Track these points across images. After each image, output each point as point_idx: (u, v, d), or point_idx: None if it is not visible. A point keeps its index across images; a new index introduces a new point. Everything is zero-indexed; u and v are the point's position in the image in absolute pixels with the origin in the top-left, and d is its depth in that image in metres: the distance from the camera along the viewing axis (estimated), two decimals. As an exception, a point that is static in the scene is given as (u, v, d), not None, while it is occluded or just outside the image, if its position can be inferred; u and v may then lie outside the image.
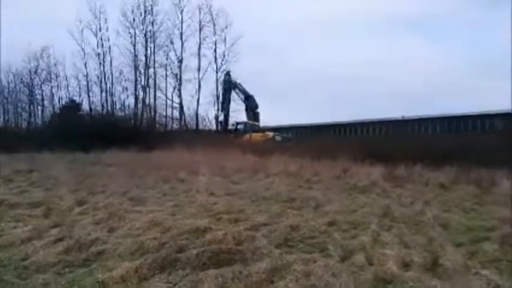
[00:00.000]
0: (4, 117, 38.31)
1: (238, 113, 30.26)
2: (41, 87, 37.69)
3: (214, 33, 32.91)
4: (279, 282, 3.19)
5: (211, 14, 32.68)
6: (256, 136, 24.90)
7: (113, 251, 4.07)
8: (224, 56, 32.76)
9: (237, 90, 29.67)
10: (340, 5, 52.19)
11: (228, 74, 30.43)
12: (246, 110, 29.23)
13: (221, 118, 30.77)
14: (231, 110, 30.88)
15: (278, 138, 25.07)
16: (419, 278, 3.28)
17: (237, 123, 28.49)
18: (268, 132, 25.78)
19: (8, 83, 38.30)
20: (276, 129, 27.56)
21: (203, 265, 3.59)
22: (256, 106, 28.97)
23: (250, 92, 29.31)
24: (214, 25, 32.85)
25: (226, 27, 32.66)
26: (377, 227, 5.06)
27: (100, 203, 6.78)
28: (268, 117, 34.96)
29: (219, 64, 32.76)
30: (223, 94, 30.67)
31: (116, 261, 3.74)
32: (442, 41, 50.83)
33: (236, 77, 30.77)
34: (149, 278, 3.33)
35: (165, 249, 3.98)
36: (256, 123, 28.34)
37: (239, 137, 25.15)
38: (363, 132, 26.18)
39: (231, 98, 30.39)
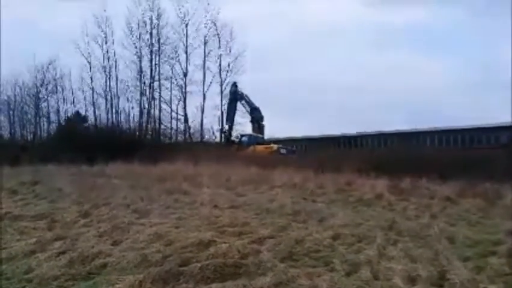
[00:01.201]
0: (10, 130, 38.56)
1: (242, 126, 30.32)
2: (47, 99, 38.03)
3: (219, 47, 33.20)
4: (284, 297, 3.16)
5: (216, 28, 33.00)
6: (261, 148, 24.88)
7: (116, 264, 4.05)
8: (229, 68, 33.00)
9: (243, 101, 29.72)
10: (342, 15, 52.52)
11: (235, 85, 30.51)
12: (252, 122, 29.27)
13: (225, 128, 30.76)
14: (235, 122, 30.96)
15: (283, 150, 25.04)
16: (426, 293, 3.24)
17: (242, 136, 28.51)
18: (273, 145, 25.77)
19: (15, 96, 38.67)
20: (280, 142, 27.56)
21: (207, 279, 3.56)
22: (262, 118, 29.01)
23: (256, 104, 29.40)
24: (219, 38, 33.15)
25: (230, 41, 32.94)
26: (383, 241, 5.00)
27: (104, 216, 6.78)
28: (271, 130, 34.97)
29: (223, 77, 32.99)
30: (228, 104, 30.72)
31: (120, 274, 3.72)
32: (446, 51, 50.88)
33: (241, 89, 30.93)
34: (152, 292, 3.30)
35: (168, 262, 3.96)
36: (261, 136, 28.37)
37: (243, 149, 25.14)
38: (368, 145, 26.11)
39: (237, 110, 30.48)
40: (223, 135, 30.69)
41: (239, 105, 30.16)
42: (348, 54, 50.91)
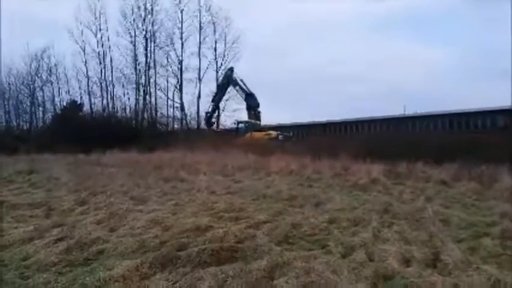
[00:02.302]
0: (5, 119, 38.36)
1: (238, 113, 30.26)
2: (42, 88, 37.79)
3: (214, 33, 32.97)
4: (280, 279, 3.20)
5: (211, 14, 32.71)
6: (259, 135, 24.84)
7: (114, 250, 4.08)
8: (224, 55, 32.80)
9: (237, 87, 29.50)
10: (340, 4, 52.04)
11: (231, 69, 30.24)
12: (247, 108, 29.15)
13: (208, 109, 30.60)
14: (231, 109, 30.91)
15: (281, 137, 25.03)
16: (420, 274, 3.29)
17: (238, 122, 28.44)
18: (271, 132, 25.73)
19: (9, 85, 38.44)
20: (276, 128, 27.53)
21: (204, 263, 3.60)
22: (258, 105, 28.85)
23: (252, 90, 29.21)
24: (214, 25, 32.90)
25: (226, 27, 32.70)
26: (378, 224, 5.06)
27: (101, 203, 6.79)
28: (268, 116, 34.97)
29: (219, 64, 32.81)
30: (218, 86, 30.47)
31: (117, 260, 3.74)
32: (442, 38, 50.70)
33: (236, 74, 30.77)
34: (150, 276, 3.34)
35: (166, 247, 3.99)
36: (258, 122, 28.29)
37: (240, 136, 25.12)
38: (364, 130, 26.15)
39: (231, 96, 30.37)
40: (205, 115, 30.43)
41: (233, 91, 29.97)
42: (347, 43, 50.56)
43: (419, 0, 48.98)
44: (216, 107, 30.46)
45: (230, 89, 29.93)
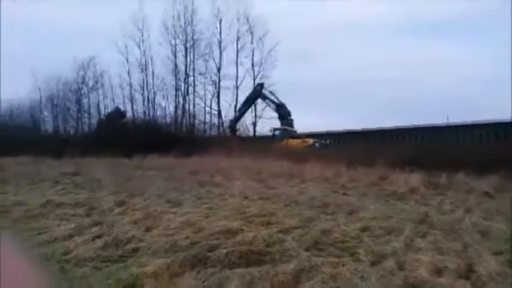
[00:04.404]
0: (54, 124, 40.54)
1: (275, 120, 30.37)
2: (88, 95, 39.67)
3: (252, 42, 33.34)
4: (306, 283, 3.21)
5: (249, 23, 33.13)
6: (296, 142, 24.71)
7: (147, 248, 4.25)
8: (261, 63, 33.10)
9: (266, 100, 29.84)
10: (379, 6, 51.08)
11: (261, 85, 30.66)
12: (279, 118, 29.29)
13: (231, 117, 31.10)
14: (265, 117, 31.20)
15: (317, 144, 24.79)
16: (451, 284, 3.19)
17: (275, 129, 28.47)
18: (308, 139, 25.55)
19: (58, 92, 40.56)
20: (312, 136, 27.31)
21: (232, 264, 3.67)
22: (289, 113, 28.87)
23: (286, 98, 29.29)
24: (251, 33, 33.28)
25: (263, 36, 32.98)
26: (411, 233, 4.93)
27: (138, 205, 7.06)
28: (303, 123, 34.78)
29: (256, 72, 33.14)
30: (246, 98, 30.87)
31: (150, 258, 3.90)
32: (488, 43, 48.42)
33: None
34: (180, 275, 3.45)
35: (196, 248, 4.10)
36: (294, 129, 28.23)
37: (276, 143, 25.12)
38: (404, 139, 25.41)
39: (263, 108, 30.88)
40: (228, 122, 31.12)
41: (264, 104, 30.38)
42: (382, 47, 49.43)
43: (464, 4, 47.11)
44: (240, 117, 30.94)
45: (260, 101, 30.37)
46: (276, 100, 29.09)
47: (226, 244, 4.23)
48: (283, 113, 28.74)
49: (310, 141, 25.02)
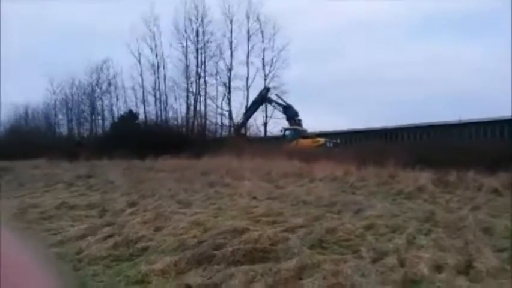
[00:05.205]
0: (68, 127, 41.25)
1: (284, 121, 30.46)
2: (101, 98, 40.23)
3: (262, 41, 33.42)
4: (307, 280, 3.32)
5: (260, 22, 33.22)
6: (307, 142, 24.72)
7: (157, 247, 4.41)
8: (272, 63, 33.18)
9: (273, 103, 30.07)
10: (385, 5, 50.56)
11: (266, 89, 30.89)
12: (288, 119, 29.43)
13: (238, 120, 31.44)
14: (273, 117, 31.36)
15: (329, 144, 24.78)
16: (450, 280, 3.27)
17: (285, 129, 28.53)
18: (319, 138, 25.55)
19: (72, 95, 41.21)
20: (322, 135, 27.29)
21: (237, 262, 3.80)
22: (296, 114, 28.99)
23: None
24: (262, 33, 33.36)
25: (274, 35, 33.05)
26: (414, 231, 5.00)
27: (149, 205, 7.24)
28: (313, 123, 34.76)
29: (266, 71, 33.23)
30: (253, 102, 31.16)
31: (159, 256, 4.05)
32: (493, 38, 47.32)
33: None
34: (186, 272, 3.60)
35: (203, 246, 4.24)
36: (305, 129, 28.26)
37: (287, 143, 25.18)
38: (415, 137, 25.24)
39: (270, 109, 31.10)
40: (232, 128, 31.37)
41: (270, 107, 30.66)
42: (389, 45, 48.88)
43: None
44: (245, 121, 31.21)
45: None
46: (282, 102, 29.29)
47: (232, 243, 4.37)
48: (290, 114, 28.89)
49: (322, 140, 25.00)
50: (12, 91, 53.13)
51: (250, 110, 31.08)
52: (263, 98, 30.33)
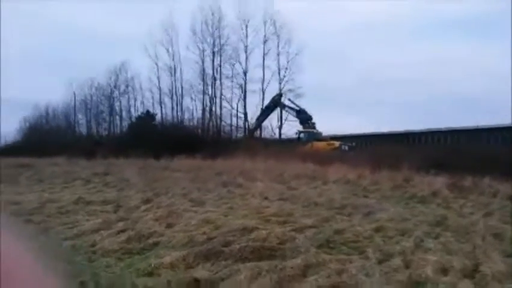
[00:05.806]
0: (87, 127, 42.13)
1: (296, 123, 30.52)
2: (119, 99, 40.95)
3: (278, 46, 33.52)
4: (311, 277, 3.39)
5: (275, 27, 33.34)
6: (322, 145, 24.70)
7: (167, 242, 4.54)
8: (287, 67, 33.26)
9: (286, 108, 30.21)
10: (397, 7, 49.76)
11: (279, 95, 31.06)
12: (301, 123, 29.48)
13: (251, 124, 31.69)
14: (288, 119, 31.44)
15: (344, 147, 24.68)
16: (454, 283, 3.29)
17: (300, 132, 28.54)
18: (334, 141, 25.47)
19: (91, 96, 42.14)
20: (337, 138, 27.19)
21: (244, 258, 3.89)
22: (309, 118, 29.04)
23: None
24: (278, 37, 33.46)
25: (289, 40, 33.12)
26: (423, 235, 5.00)
27: (163, 203, 7.40)
28: (327, 126, 34.56)
29: (282, 75, 33.31)
30: (266, 107, 31.40)
31: (169, 251, 4.17)
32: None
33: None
34: (194, 266, 3.71)
35: (212, 243, 4.35)
36: (320, 132, 28.21)
37: (301, 146, 25.18)
38: (433, 141, 24.90)
39: (285, 112, 31.21)
40: (246, 130, 31.82)
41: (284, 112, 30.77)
42: (402, 46, 48.10)
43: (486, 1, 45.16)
44: (258, 126, 31.47)
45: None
46: (295, 107, 29.41)
47: (241, 240, 4.46)
48: (303, 118, 29.00)
49: (337, 143, 24.91)
50: (33, 89, 54.47)
51: (263, 115, 31.37)
52: (276, 104, 30.59)
